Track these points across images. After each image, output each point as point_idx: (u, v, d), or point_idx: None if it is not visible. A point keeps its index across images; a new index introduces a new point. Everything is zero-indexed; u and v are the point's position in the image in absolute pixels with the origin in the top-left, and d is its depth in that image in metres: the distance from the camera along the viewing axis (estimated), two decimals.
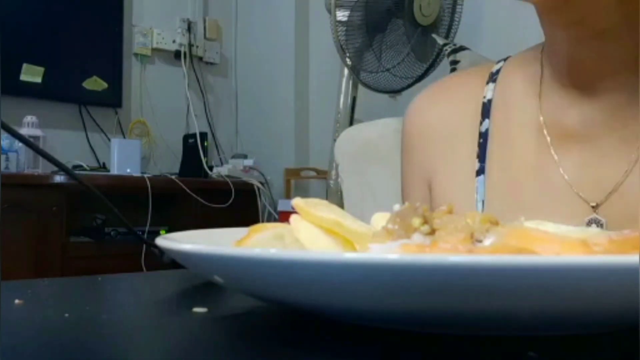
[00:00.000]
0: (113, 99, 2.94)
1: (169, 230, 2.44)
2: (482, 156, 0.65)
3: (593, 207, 0.58)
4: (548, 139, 0.61)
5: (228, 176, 2.84)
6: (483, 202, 0.63)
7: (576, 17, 0.55)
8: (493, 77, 0.68)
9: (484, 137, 0.65)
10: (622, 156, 0.58)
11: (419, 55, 2.04)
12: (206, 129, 3.14)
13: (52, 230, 2.36)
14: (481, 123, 0.66)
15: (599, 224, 0.58)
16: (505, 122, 0.65)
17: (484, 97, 0.67)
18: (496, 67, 0.69)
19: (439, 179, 0.68)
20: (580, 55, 0.58)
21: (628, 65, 0.56)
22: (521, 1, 0.54)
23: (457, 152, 0.67)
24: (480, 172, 0.64)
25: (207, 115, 3.26)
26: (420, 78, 2.06)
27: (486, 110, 0.66)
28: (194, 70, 3.21)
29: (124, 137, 2.96)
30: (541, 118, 0.61)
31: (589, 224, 0.58)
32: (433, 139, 0.70)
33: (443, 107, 0.70)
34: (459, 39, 1.97)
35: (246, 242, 0.36)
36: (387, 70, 2.09)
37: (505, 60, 0.70)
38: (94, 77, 2.87)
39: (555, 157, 0.60)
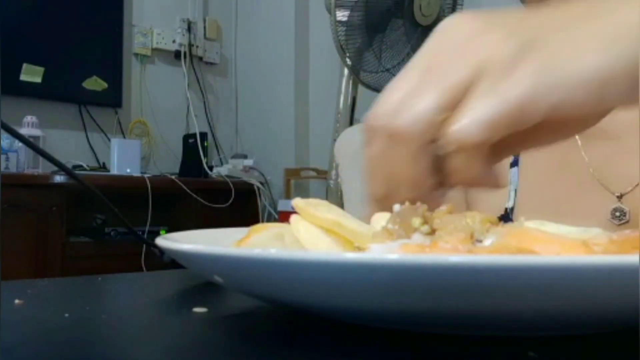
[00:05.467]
0: (113, 99, 2.94)
1: (169, 230, 2.44)
2: None
3: (618, 197, 0.62)
4: (579, 142, 0.65)
5: (228, 176, 2.84)
6: (516, 190, 0.68)
7: None
8: None
9: None
10: None
11: None
12: (206, 129, 3.14)
13: (52, 230, 2.36)
14: None
15: (622, 212, 0.62)
16: None
17: None
18: None
19: None
20: None
21: None
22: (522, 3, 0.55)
23: None
24: (514, 164, 0.69)
25: (207, 115, 3.26)
26: None
27: None
28: (194, 70, 3.21)
29: (124, 137, 2.96)
30: None
31: (613, 212, 0.62)
32: None
33: None
34: None
35: (246, 242, 0.36)
36: (387, 70, 2.08)
37: None
38: (94, 77, 2.87)
39: (585, 157, 0.65)
